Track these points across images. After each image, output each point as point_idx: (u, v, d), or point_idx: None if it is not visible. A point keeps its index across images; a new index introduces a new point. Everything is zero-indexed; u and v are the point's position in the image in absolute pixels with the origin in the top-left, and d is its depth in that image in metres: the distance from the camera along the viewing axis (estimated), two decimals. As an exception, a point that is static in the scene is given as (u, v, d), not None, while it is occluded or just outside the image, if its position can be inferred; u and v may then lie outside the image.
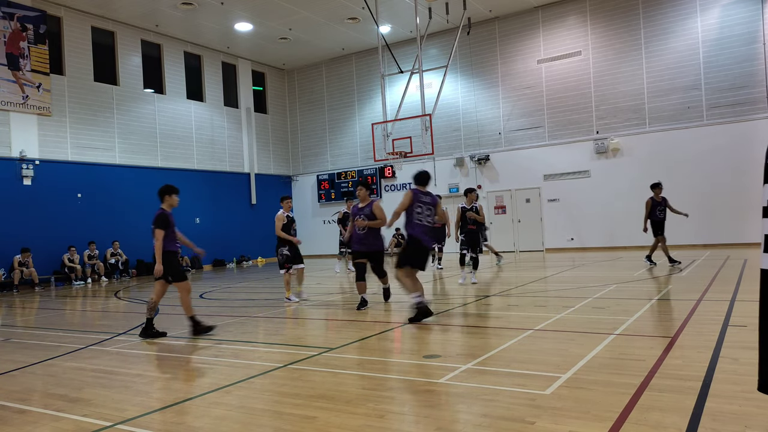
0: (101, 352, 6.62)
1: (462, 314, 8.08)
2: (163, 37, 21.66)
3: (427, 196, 7.55)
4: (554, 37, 20.94)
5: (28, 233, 17.06)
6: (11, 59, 17.05)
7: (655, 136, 19.20)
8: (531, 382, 4.41)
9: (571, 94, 20.59)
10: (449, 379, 4.62)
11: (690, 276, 10.97)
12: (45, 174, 17.69)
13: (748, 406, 3.65)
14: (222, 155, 23.81)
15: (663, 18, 19.12)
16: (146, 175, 20.62)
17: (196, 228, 22.25)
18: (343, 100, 25.65)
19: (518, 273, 13.89)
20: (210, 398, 4.52)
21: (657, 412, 3.64)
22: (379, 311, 8.58)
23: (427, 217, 7.48)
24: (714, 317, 6.64)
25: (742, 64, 17.93)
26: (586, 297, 8.73)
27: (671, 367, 4.65)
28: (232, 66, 24.66)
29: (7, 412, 4.44)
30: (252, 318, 8.67)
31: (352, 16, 20.78)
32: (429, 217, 7.50)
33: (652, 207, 12.92)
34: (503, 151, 21.87)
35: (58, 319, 10.24)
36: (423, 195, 7.51)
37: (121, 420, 4.07)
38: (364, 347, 6.13)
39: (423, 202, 7.46)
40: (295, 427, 3.77)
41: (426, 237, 7.51)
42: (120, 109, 20.07)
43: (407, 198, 7.47)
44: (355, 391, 4.48)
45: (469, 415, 3.83)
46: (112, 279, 18.69)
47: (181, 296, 7.35)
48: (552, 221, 21.06)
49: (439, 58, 22.33)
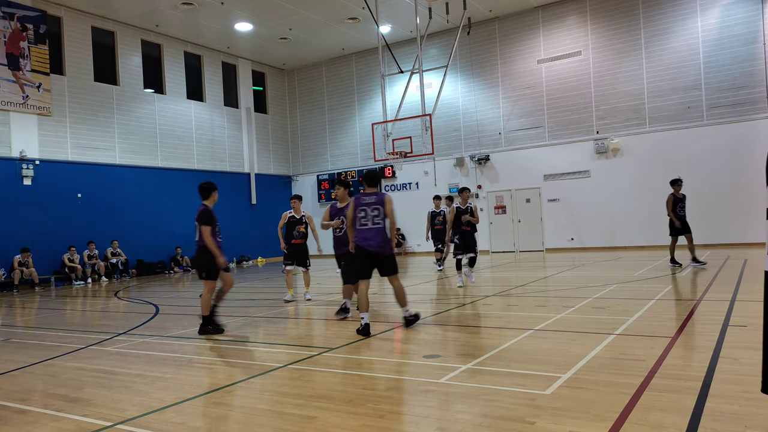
0: (101, 352, 6.62)
1: (462, 314, 8.07)
2: (163, 37, 21.66)
3: (372, 196, 6.96)
4: (554, 37, 20.94)
5: (28, 233, 17.06)
6: (11, 59, 17.06)
7: (655, 136, 19.20)
8: (531, 382, 4.41)
9: (571, 94, 20.59)
10: (449, 379, 4.62)
11: (690, 276, 10.97)
12: (45, 174, 17.69)
13: (748, 406, 3.65)
14: (222, 155, 23.81)
15: (663, 18, 19.11)
16: (146, 175, 20.63)
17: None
18: (343, 100, 25.65)
19: (518, 273, 13.89)
20: (210, 398, 4.52)
21: (657, 412, 3.63)
22: (380, 311, 8.58)
23: (374, 218, 6.87)
24: (714, 317, 6.64)
25: (742, 64, 17.93)
26: (586, 297, 8.73)
27: (671, 367, 4.65)
28: (232, 66, 24.66)
29: (7, 412, 4.44)
30: (252, 318, 8.67)
31: (352, 16, 20.78)
32: (377, 218, 6.87)
33: (673, 203, 12.45)
34: (503, 151, 21.87)
35: (58, 319, 10.24)
36: (366, 197, 6.97)
37: (121, 420, 4.07)
38: (364, 347, 6.12)
39: (366, 205, 6.92)
40: (295, 427, 3.77)
41: (368, 242, 6.83)
42: (120, 109, 20.07)
43: (350, 208, 7.09)
44: (355, 391, 4.48)
45: (469, 415, 3.83)
46: (112, 279, 18.70)
47: (203, 293, 7.45)
48: (552, 221, 21.06)
49: (439, 58, 22.33)
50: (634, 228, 19.52)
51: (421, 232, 23.65)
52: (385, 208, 6.88)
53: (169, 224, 21.14)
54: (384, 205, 6.89)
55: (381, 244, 6.84)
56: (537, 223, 21.37)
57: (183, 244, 21.40)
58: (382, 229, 6.87)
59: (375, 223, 6.86)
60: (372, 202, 6.90)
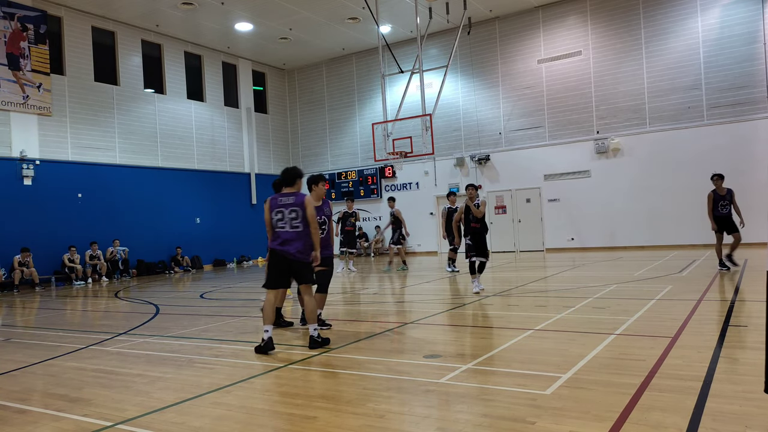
0: (101, 352, 6.62)
1: (462, 314, 8.08)
2: (163, 37, 21.66)
3: (290, 197, 6.23)
4: (554, 37, 20.94)
5: (28, 233, 17.06)
6: (12, 59, 17.06)
7: (655, 136, 19.20)
8: (531, 382, 4.41)
9: (571, 94, 20.59)
10: (449, 379, 4.62)
11: (690, 276, 10.96)
12: (45, 174, 17.69)
13: (749, 406, 3.65)
14: (222, 155, 23.81)
15: (663, 18, 19.11)
16: (146, 175, 20.63)
17: (196, 228, 22.28)
18: (343, 100, 25.65)
19: (518, 273, 13.89)
20: (210, 398, 4.52)
21: (657, 412, 3.64)
22: (379, 312, 8.58)
23: (292, 221, 6.16)
24: (714, 317, 6.64)
25: (743, 64, 17.93)
26: (586, 297, 8.73)
27: (671, 367, 4.65)
28: (232, 66, 24.66)
29: (8, 412, 4.44)
30: (252, 318, 8.67)
31: (353, 16, 20.78)
32: (295, 221, 6.15)
33: (714, 201, 11.44)
34: (503, 151, 21.87)
35: (59, 319, 10.24)
36: (283, 197, 6.25)
37: (122, 420, 4.07)
38: (364, 347, 6.12)
39: (283, 206, 6.20)
40: (295, 427, 3.77)
41: (285, 246, 6.13)
42: (120, 109, 20.07)
43: (266, 209, 6.32)
44: (355, 391, 4.48)
45: (469, 415, 3.83)
46: (112, 279, 18.70)
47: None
48: (552, 221, 21.06)
49: (440, 58, 22.33)
50: (634, 228, 19.52)
51: (422, 233, 23.70)
52: (305, 211, 6.16)
53: (169, 224, 21.14)
54: (304, 207, 6.17)
55: (300, 250, 6.16)
56: (537, 223, 21.37)
57: (183, 244, 21.41)
58: (301, 233, 6.16)
59: (293, 226, 6.16)
60: (289, 204, 6.18)
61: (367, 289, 12.15)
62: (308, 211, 6.17)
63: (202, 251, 22.28)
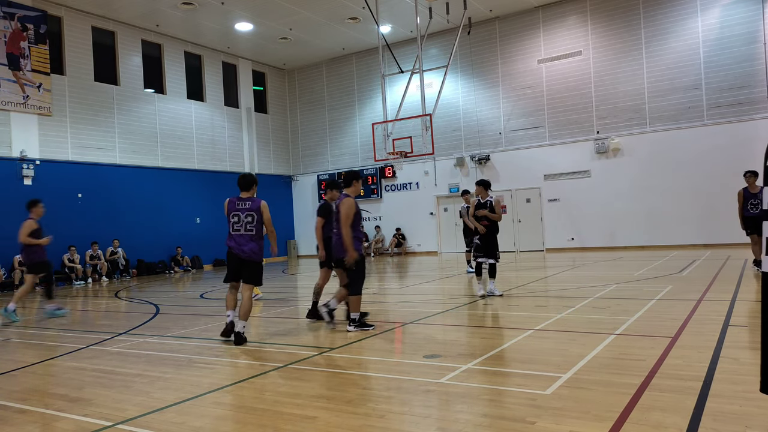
0: (101, 352, 6.62)
1: (462, 314, 8.08)
2: (163, 37, 21.66)
3: (247, 201, 6.76)
4: (554, 37, 20.94)
5: (28, 233, 17.01)
6: (12, 59, 17.05)
7: (655, 136, 19.20)
8: (531, 382, 4.41)
9: (571, 94, 20.59)
10: (449, 379, 4.62)
11: (690, 276, 10.96)
12: (45, 174, 17.68)
13: (749, 406, 3.65)
14: (222, 155, 23.81)
15: (663, 18, 19.11)
16: (146, 175, 20.63)
17: (196, 228, 22.27)
18: (343, 100, 25.65)
19: (518, 273, 13.89)
20: (210, 398, 4.52)
21: (657, 412, 3.63)
22: (379, 311, 8.58)
23: (247, 224, 6.69)
24: (714, 317, 6.64)
25: (743, 64, 17.93)
26: (586, 297, 8.73)
27: (671, 367, 4.65)
28: (232, 66, 24.66)
29: (8, 412, 4.43)
30: (252, 318, 8.66)
31: (353, 16, 20.78)
32: (250, 224, 6.69)
33: (744, 199, 10.79)
34: (503, 151, 21.87)
35: (59, 318, 10.24)
36: (240, 202, 6.78)
37: (122, 420, 4.07)
38: (364, 347, 6.12)
39: (239, 210, 6.73)
40: (295, 427, 3.77)
41: (240, 247, 6.68)
42: (120, 109, 20.07)
43: (225, 211, 6.86)
44: (355, 391, 4.48)
45: (469, 415, 3.83)
46: (112, 279, 18.70)
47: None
48: (552, 221, 21.06)
49: (440, 58, 22.32)
50: (634, 228, 19.52)
51: (421, 233, 23.72)
52: (261, 216, 6.73)
53: (169, 224, 21.14)
54: (260, 212, 6.73)
55: (254, 250, 6.73)
56: (537, 223, 21.37)
57: (183, 243, 21.41)
58: (254, 236, 6.71)
59: (248, 229, 6.70)
60: (246, 208, 6.73)
61: (367, 289, 12.15)
62: (265, 217, 6.78)
63: (202, 251, 22.27)
